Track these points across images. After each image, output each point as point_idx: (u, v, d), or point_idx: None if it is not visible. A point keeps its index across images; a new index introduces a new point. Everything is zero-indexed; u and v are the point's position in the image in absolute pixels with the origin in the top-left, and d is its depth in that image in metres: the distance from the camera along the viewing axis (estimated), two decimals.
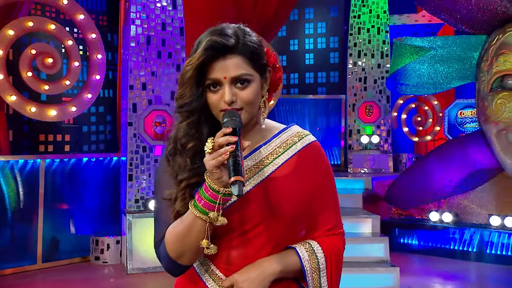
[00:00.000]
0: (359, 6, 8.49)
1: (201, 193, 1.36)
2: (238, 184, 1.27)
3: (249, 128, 1.51)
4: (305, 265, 1.46)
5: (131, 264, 5.73)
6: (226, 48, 1.39)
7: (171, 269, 1.47)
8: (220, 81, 1.41)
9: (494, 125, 6.57)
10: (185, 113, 1.44)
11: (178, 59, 6.24)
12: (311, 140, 1.57)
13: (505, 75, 6.50)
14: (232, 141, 1.30)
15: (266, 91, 1.51)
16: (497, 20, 6.71)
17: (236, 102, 1.41)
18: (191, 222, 1.37)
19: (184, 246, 1.40)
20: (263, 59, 1.48)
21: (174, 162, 1.46)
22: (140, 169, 6.07)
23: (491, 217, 6.43)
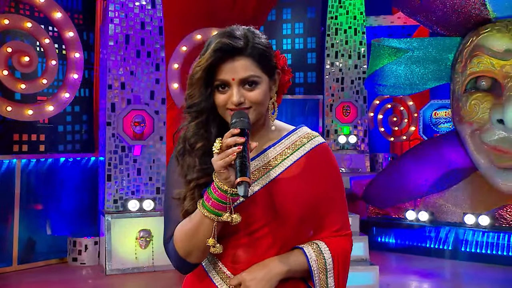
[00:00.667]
0: (336, 7, 8.58)
1: (209, 193, 1.38)
2: (244, 185, 1.29)
3: (258, 129, 1.52)
4: (312, 265, 1.48)
5: (109, 265, 5.69)
6: (235, 50, 1.41)
7: (180, 266, 1.51)
8: (229, 82, 1.43)
9: (468, 126, 6.70)
10: (194, 113, 1.47)
11: (157, 59, 6.21)
12: (320, 142, 1.58)
13: (479, 76, 6.64)
14: (239, 142, 1.32)
15: (274, 93, 1.53)
16: (471, 22, 6.85)
17: (244, 103, 1.43)
18: (199, 221, 1.39)
19: (192, 245, 1.43)
20: (272, 61, 1.50)
21: (183, 162, 1.48)
22: (119, 169, 6.02)
23: (465, 215, 6.57)
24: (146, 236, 5.79)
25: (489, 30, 6.69)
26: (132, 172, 6.07)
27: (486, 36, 6.68)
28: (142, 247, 5.77)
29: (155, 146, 6.15)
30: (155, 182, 6.14)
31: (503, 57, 6.48)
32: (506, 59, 6.46)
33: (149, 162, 6.12)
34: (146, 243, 5.79)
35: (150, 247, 5.80)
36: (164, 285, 5.57)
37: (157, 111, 6.16)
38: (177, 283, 5.64)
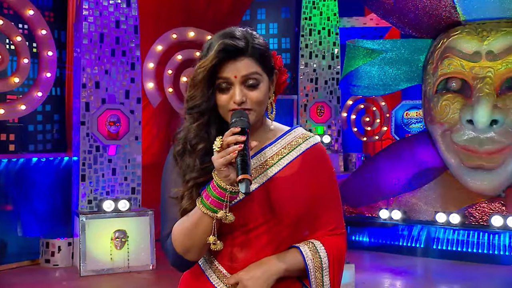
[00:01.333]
0: (310, 8, 8.65)
1: (209, 191, 1.39)
2: (245, 182, 1.30)
3: (256, 129, 1.54)
4: (308, 264, 1.50)
5: (84, 266, 5.62)
6: (237, 51, 1.44)
7: (177, 264, 1.51)
8: (231, 80, 1.44)
9: (439, 126, 6.85)
10: (195, 115, 1.48)
11: (132, 58, 6.16)
12: (315, 142, 1.60)
13: (450, 77, 6.79)
14: (240, 140, 1.33)
15: (272, 93, 1.55)
16: (441, 24, 7.00)
17: (246, 103, 1.45)
18: (198, 219, 1.41)
19: (191, 242, 1.44)
20: (271, 61, 1.53)
21: (182, 162, 1.49)
22: (93, 169, 5.95)
23: (437, 214, 6.71)
24: (121, 236, 5.74)
25: (459, 32, 6.85)
26: (107, 172, 6.01)
27: (456, 38, 6.84)
28: (118, 248, 5.72)
29: (130, 146, 6.10)
30: (130, 182, 6.09)
31: (472, 59, 6.64)
32: (475, 61, 6.63)
33: (124, 162, 6.07)
34: (122, 243, 5.74)
35: (125, 248, 5.75)
36: (140, 286, 5.53)
37: (133, 110, 6.11)
38: (152, 284, 5.62)
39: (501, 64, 6.53)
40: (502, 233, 6.29)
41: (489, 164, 6.58)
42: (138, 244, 5.81)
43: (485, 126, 6.43)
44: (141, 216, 5.90)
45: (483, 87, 6.53)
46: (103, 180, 5.99)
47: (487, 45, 6.62)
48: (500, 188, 6.75)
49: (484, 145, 6.53)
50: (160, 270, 5.84)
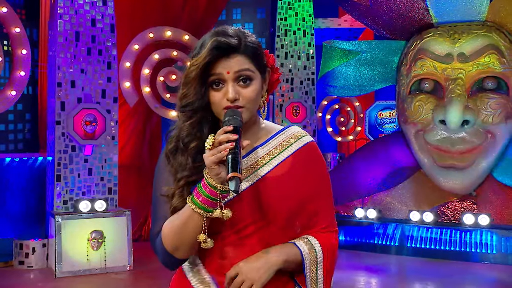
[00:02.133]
0: (285, 9, 8.68)
1: (200, 189, 1.39)
2: (235, 180, 1.30)
3: (248, 128, 1.54)
4: (305, 257, 1.51)
5: (60, 268, 5.54)
6: (230, 48, 1.44)
7: (167, 262, 1.50)
8: (223, 77, 1.45)
9: (412, 126, 7.00)
10: (188, 113, 1.48)
11: (109, 56, 6.10)
12: (307, 141, 1.60)
13: (423, 79, 6.94)
14: (232, 138, 1.34)
15: (265, 91, 1.55)
16: (415, 26, 7.15)
17: (238, 100, 1.45)
18: (188, 217, 1.41)
19: (180, 240, 1.44)
20: (263, 59, 1.54)
21: (174, 160, 1.49)
22: (69, 169, 5.87)
23: (411, 212, 6.84)
24: (98, 237, 5.69)
25: (431, 34, 7.00)
26: (83, 172, 5.94)
27: (429, 40, 6.99)
28: (94, 249, 5.67)
29: (107, 146, 6.04)
30: (106, 183, 6.04)
31: (444, 61, 6.81)
32: (447, 63, 6.79)
33: (100, 162, 6.01)
34: (98, 244, 5.69)
35: (102, 248, 5.70)
36: (117, 286, 5.49)
37: (109, 110, 6.05)
38: (130, 284, 5.58)
39: (472, 66, 6.71)
40: (473, 231, 6.45)
41: (460, 164, 6.75)
42: (115, 244, 5.76)
43: (457, 126, 6.59)
44: (118, 217, 5.86)
45: (455, 88, 6.69)
46: (79, 180, 5.92)
47: (459, 47, 6.79)
48: (471, 187, 6.93)
49: (455, 145, 6.70)
50: (137, 270, 5.81)
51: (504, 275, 5.85)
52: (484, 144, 6.68)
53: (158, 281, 5.53)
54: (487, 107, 6.66)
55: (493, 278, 5.85)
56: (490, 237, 6.36)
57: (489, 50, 6.71)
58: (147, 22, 6.90)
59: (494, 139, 6.69)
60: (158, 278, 5.61)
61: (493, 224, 6.46)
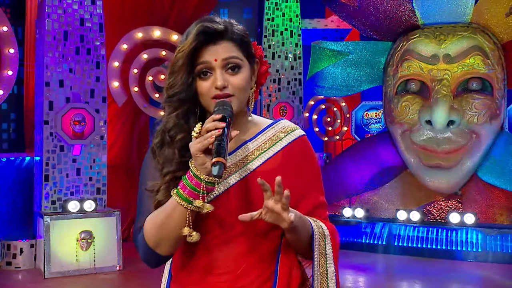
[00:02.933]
0: (272, 9, 8.71)
1: (185, 182, 1.34)
2: (219, 165, 1.26)
3: (237, 121, 1.49)
4: (314, 230, 1.47)
5: (49, 268, 5.51)
6: (216, 34, 1.41)
7: (148, 258, 1.44)
8: (211, 65, 1.41)
9: (399, 126, 7.08)
10: (175, 103, 1.43)
11: (97, 56, 6.07)
12: (298, 135, 1.56)
13: (409, 79, 7.03)
14: (219, 126, 1.30)
15: (254, 83, 1.52)
16: (401, 28, 7.24)
17: (227, 88, 1.41)
18: (172, 210, 1.36)
19: (163, 234, 1.38)
20: (251, 48, 1.49)
21: (160, 155, 1.44)
22: (57, 169, 5.84)
23: (398, 211, 6.91)
24: (87, 237, 5.66)
25: (418, 36, 7.10)
26: (71, 172, 5.90)
27: (415, 41, 7.08)
28: (83, 249, 5.64)
29: (95, 146, 6.02)
30: (95, 183, 6.01)
31: (430, 62, 6.90)
32: (433, 64, 6.88)
33: (89, 162, 5.98)
34: (88, 244, 5.66)
35: (91, 248, 5.67)
36: (106, 286, 5.47)
37: (98, 109, 6.03)
38: (119, 284, 5.56)
39: (457, 67, 6.81)
40: (459, 229, 6.55)
41: (446, 163, 6.84)
42: (105, 244, 5.74)
43: (442, 126, 6.69)
44: (107, 217, 5.83)
45: (441, 89, 6.79)
46: (67, 180, 5.88)
47: (444, 48, 6.89)
48: (456, 186, 7.03)
49: (441, 145, 6.79)
50: (127, 270, 5.79)
51: (489, 273, 5.95)
52: (469, 144, 6.78)
53: (147, 281, 5.52)
54: (472, 108, 6.76)
55: (479, 275, 5.95)
56: (475, 236, 6.46)
57: (474, 52, 6.82)
58: (135, 22, 6.88)
59: (478, 139, 6.80)
60: (148, 278, 5.60)
61: (479, 222, 6.57)
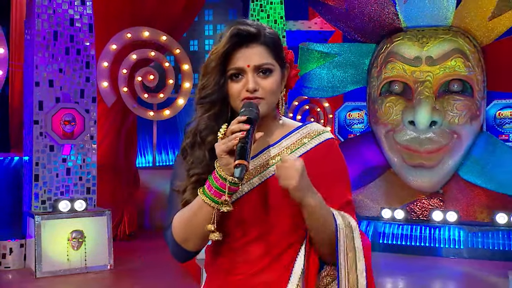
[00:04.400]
0: (257, 11, 8.81)
1: (211, 182, 1.38)
2: (241, 168, 1.29)
3: (265, 124, 1.50)
4: (338, 220, 1.45)
5: (40, 268, 5.52)
6: (250, 36, 1.43)
7: (176, 253, 1.50)
8: (244, 69, 1.43)
9: (383, 126, 7.24)
10: (207, 105, 1.46)
11: (87, 56, 6.09)
12: (324, 139, 1.56)
13: (392, 81, 7.20)
14: (244, 128, 1.32)
15: (283, 87, 1.53)
16: (385, 30, 7.40)
17: (258, 91, 1.43)
18: (198, 208, 1.40)
19: (190, 231, 1.43)
20: (283, 53, 1.51)
21: (191, 155, 1.47)
22: (47, 169, 5.84)
23: (382, 210, 7.07)
24: (78, 237, 5.68)
25: (401, 38, 7.27)
26: (61, 172, 5.92)
27: (398, 43, 7.25)
28: (74, 248, 5.66)
29: (85, 146, 6.04)
30: (85, 182, 6.03)
31: (413, 64, 7.07)
32: (416, 66, 7.06)
33: (79, 162, 6.00)
34: (79, 244, 5.68)
35: (82, 248, 5.69)
36: (98, 286, 5.50)
37: (88, 109, 6.05)
38: (111, 283, 5.60)
39: (439, 69, 6.99)
40: (442, 227, 6.74)
41: (428, 163, 7.02)
42: (96, 244, 5.77)
43: (425, 127, 6.86)
44: (98, 216, 5.86)
45: (423, 90, 6.96)
46: (57, 180, 5.89)
47: (427, 51, 7.07)
48: (438, 185, 7.22)
49: (424, 145, 6.96)
50: (118, 269, 5.83)
51: (471, 269, 6.14)
52: (450, 144, 6.96)
53: (138, 280, 5.58)
54: (453, 109, 6.95)
55: (461, 271, 6.13)
56: (457, 233, 6.66)
57: (455, 54, 7.00)
58: (122, 23, 6.91)
59: (459, 139, 6.99)
60: (139, 277, 5.66)
61: (460, 220, 6.77)
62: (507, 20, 6.99)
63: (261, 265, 1.47)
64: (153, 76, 6.68)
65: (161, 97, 6.87)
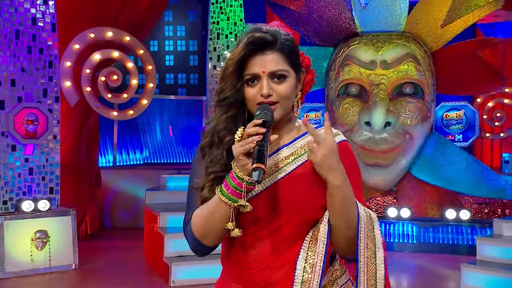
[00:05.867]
0: (217, 13, 8.94)
1: (228, 181, 1.46)
2: (259, 171, 1.36)
3: (281, 125, 1.58)
4: (360, 209, 1.52)
5: (3, 268, 5.46)
6: (265, 44, 1.50)
7: (195, 248, 1.58)
8: (259, 75, 1.50)
9: (341, 127, 7.51)
10: (225, 107, 1.54)
11: (50, 56, 6.06)
12: (337, 142, 1.56)
13: (349, 83, 7.49)
14: (260, 132, 1.39)
15: (299, 91, 1.60)
16: (342, 34, 7.69)
17: (272, 96, 1.50)
18: (216, 206, 1.48)
19: (208, 228, 1.51)
20: (299, 59, 1.59)
21: (210, 154, 1.54)
22: (9, 169, 5.78)
23: None
24: (42, 237, 5.65)
25: (357, 42, 7.58)
26: (24, 172, 5.87)
27: (355, 48, 7.56)
28: (38, 249, 5.63)
29: (48, 145, 6.01)
30: (48, 182, 6.00)
31: (369, 67, 7.39)
32: (371, 69, 7.38)
33: (42, 161, 5.97)
34: (43, 244, 5.65)
35: (47, 248, 5.67)
36: (62, 285, 5.49)
37: (51, 109, 6.02)
38: (75, 283, 5.60)
39: (393, 72, 7.33)
40: (396, 223, 7.07)
41: (383, 162, 7.35)
42: (60, 244, 5.76)
43: (380, 127, 7.19)
44: (62, 216, 5.85)
45: (378, 92, 7.29)
46: (19, 180, 5.84)
47: (381, 55, 7.40)
48: (392, 183, 7.57)
49: (379, 145, 7.29)
50: (82, 269, 5.84)
51: (423, 262, 6.48)
52: (403, 144, 7.31)
53: (103, 279, 5.61)
54: (406, 110, 7.30)
55: (415, 265, 6.46)
56: (411, 228, 7.01)
57: (407, 59, 7.37)
58: (86, 22, 6.89)
59: (411, 140, 7.35)
60: (103, 277, 5.69)
61: (413, 216, 7.12)
62: (455, 28, 7.41)
63: (270, 261, 1.54)
64: (116, 76, 6.70)
65: (124, 97, 6.89)
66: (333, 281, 1.58)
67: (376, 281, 1.51)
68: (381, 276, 1.51)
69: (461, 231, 6.91)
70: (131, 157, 8.91)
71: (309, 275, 1.49)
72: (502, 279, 4.96)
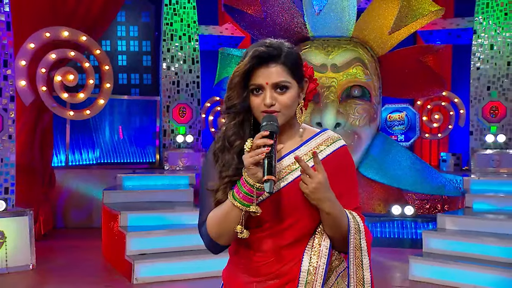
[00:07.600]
0: (171, 15, 9.04)
1: (239, 187, 1.58)
2: (270, 183, 1.49)
3: (284, 131, 1.70)
4: (350, 223, 1.68)
5: None
6: (270, 57, 1.62)
7: (211, 247, 1.72)
8: (263, 86, 1.63)
9: None
10: (232, 114, 1.67)
11: (5, 55, 5.99)
12: (339, 146, 1.75)
13: None
14: (268, 143, 1.51)
15: (302, 99, 1.72)
16: (294, 38, 7.95)
17: (275, 105, 1.63)
18: (229, 210, 1.61)
19: (222, 229, 1.65)
20: (301, 70, 1.71)
21: (222, 158, 1.67)
22: None
23: None
24: None
25: (308, 46, 7.85)
26: None
27: (307, 51, 7.82)
28: None
29: (3, 145, 5.94)
30: (3, 182, 5.93)
31: (320, 70, 7.65)
32: (322, 72, 7.65)
33: None
34: None
35: (3, 248, 5.61)
36: (22, 286, 5.47)
37: (6, 108, 5.96)
38: (33, 283, 5.58)
39: (342, 75, 7.65)
40: None
41: None
42: (17, 244, 5.71)
43: (331, 128, 7.49)
44: (19, 216, 5.80)
45: (329, 94, 7.59)
46: None
47: (332, 59, 7.70)
48: None
49: None
50: (40, 269, 5.81)
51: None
52: (352, 144, 7.62)
53: (62, 278, 5.62)
54: (354, 112, 7.64)
55: None
56: None
57: (355, 63, 7.70)
58: (42, 21, 6.82)
59: (360, 140, 7.70)
60: (62, 276, 5.69)
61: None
62: (400, 34, 7.81)
63: (273, 257, 1.68)
64: (73, 76, 6.67)
65: (81, 97, 6.88)
66: (332, 269, 1.74)
67: (364, 284, 1.72)
68: (368, 280, 1.73)
69: (406, 225, 7.33)
70: (83, 157, 8.84)
71: (313, 276, 1.66)
72: (447, 269, 5.35)
